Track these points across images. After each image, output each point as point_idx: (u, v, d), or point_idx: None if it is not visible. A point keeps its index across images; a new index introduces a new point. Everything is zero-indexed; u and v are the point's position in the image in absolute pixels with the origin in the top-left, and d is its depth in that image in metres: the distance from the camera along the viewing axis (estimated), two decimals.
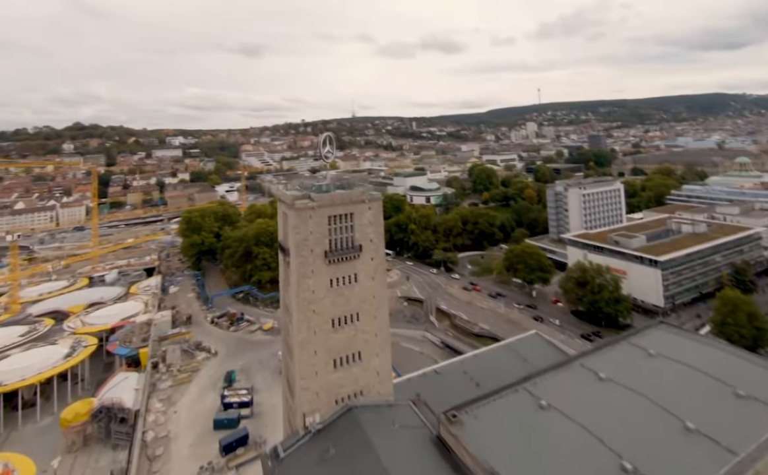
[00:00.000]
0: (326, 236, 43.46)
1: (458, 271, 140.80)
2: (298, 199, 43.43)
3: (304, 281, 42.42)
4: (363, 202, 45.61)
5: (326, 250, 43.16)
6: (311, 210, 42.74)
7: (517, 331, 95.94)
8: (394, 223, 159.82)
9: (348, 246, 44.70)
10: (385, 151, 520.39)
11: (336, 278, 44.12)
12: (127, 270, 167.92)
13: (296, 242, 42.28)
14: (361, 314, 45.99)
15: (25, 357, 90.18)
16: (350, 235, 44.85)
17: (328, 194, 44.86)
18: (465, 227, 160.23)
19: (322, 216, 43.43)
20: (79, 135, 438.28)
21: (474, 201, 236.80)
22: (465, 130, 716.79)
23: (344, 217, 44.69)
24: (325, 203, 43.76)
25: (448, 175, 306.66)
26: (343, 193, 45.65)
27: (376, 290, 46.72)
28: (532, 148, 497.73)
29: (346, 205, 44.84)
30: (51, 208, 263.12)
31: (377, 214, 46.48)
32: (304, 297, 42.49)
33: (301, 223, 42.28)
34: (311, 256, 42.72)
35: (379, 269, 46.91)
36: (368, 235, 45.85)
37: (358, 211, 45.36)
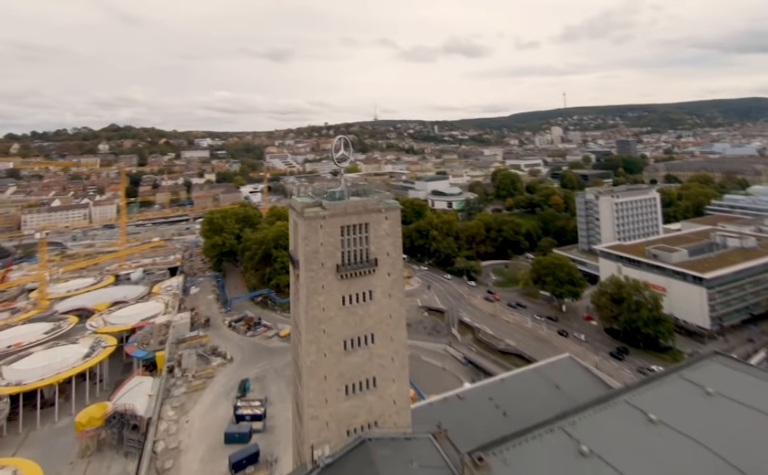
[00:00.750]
0: (338, 249, 39.29)
1: (481, 280, 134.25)
2: (308, 207, 39.43)
3: (313, 298, 38.33)
4: (379, 212, 41.21)
5: (338, 263, 38.98)
6: (322, 220, 38.66)
7: (546, 349, 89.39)
8: (414, 228, 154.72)
9: (362, 260, 40.36)
10: (407, 154, 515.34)
11: (349, 295, 39.85)
12: (151, 269, 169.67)
13: (306, 254, 38.26)
14: (376, 336, 41.54)
15: (46, 356, 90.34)
16: (365, 247, 40.53)
17: (341, 202, 40.64)
18: (488, 234, 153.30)
19: (334, 226, 39.28)
20: (114, 136, 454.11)
21: (497, 207, 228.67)
22: (487, 134, 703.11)
23: (358, 227, 40.42)
24: (338, 212, 39.56)
25: (470, 180, 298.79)
26: (358, 201, 41.36)
27: (393, 309, 42.18)
28: (557, 154, 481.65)
29: (361, 214, 40.54)
30: (85, 206, 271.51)
31: (395, 225, 41.99)
32: (313, 315, 38.38)
33: (311, 234, 38.23)
34: (322, 270, 38.62)
35: (397, 285, 42.35)
36: (385, 248, 41.42)
37: (374, 221, 41.00)
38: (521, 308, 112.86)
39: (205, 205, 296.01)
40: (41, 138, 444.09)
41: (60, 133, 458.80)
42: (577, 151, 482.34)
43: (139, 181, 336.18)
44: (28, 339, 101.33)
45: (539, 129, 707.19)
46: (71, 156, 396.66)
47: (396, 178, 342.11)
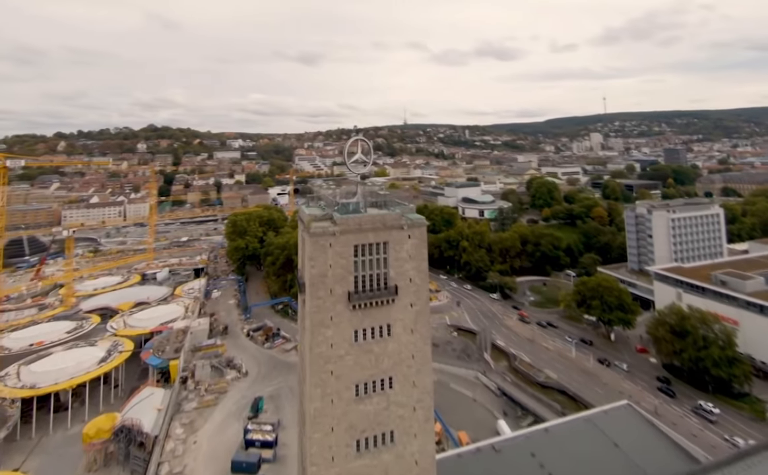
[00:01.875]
0: (351, 272, 32.59)
1: (517, 299, 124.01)
2: (315, 221, 32.97)
3: (319, 331, 31.76)
4: (401, 229, 34.15)
5: (350, 290, 32.30)
6: (332, 237, 32.06)
7: (594, 385, 78.98)
8: (444, 238, 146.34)
9: (379, 287, 33.43)
10: (437, 159, 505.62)
11: (362, 329, 33.04)
12: (177, 269, 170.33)
13: (312, 278, 31.79)
14: (395, 380, 34.40)
15: (62, 358, 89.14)
16: (383, 272, 33.59)
17: (355, 216, 33.79)
18: (524, 248, 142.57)
19: (347, 245, 32.59)
20: (152, 136, 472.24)
21: (533, 217, 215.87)
22: (521, 139, 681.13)
23: (375, 247, 33.51)
24: (351, 228, 32.80)
25: (503, 188, 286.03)
26: (375, 215, 34.39)
27: (416, 348, 34.93)
28: (597, 161, 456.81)
29: (379, 231, 33.60)
30: (120, 204, 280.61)
31: (420, 246, 34.77)
32: (319, 353, 31.78)
33: (319, 254, 31.69)
34: (330, 298, 32.01)
35: (421, 318, 35.05)
36: (407, 273, 34.29)
37: (395, 240, 33.99)
38: (552, 328, 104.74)
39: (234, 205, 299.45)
40: (86, 137, 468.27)
41: (103, 133, 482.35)
42: (619, 160, 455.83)
43: (172, 180, 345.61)
44: (50, 338, 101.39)
45: (577, 135, 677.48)
46: (112, 154, 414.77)
47: (425, 183, 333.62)
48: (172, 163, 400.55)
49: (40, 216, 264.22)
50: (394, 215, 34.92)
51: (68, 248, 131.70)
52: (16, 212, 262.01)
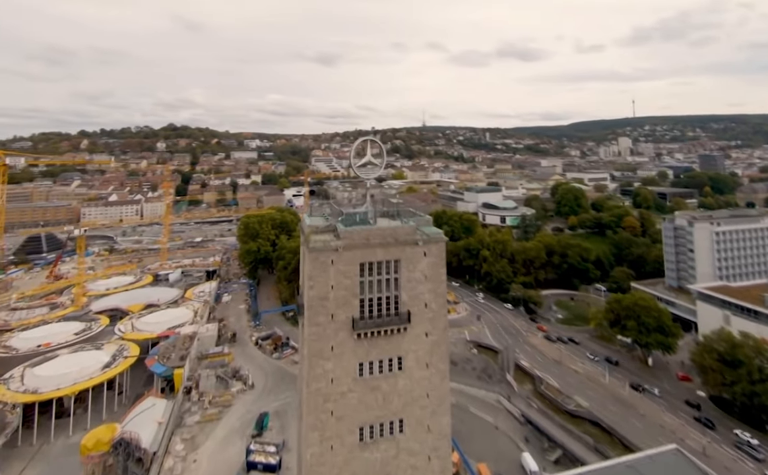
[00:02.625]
0: (356, 295, 28.21)
1: (542, 314, 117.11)
2: (316, 234, 28.69)
3: (318, 363, 27.43)
4: (415, 245, 29.56)
5: (355, 316, 27.90)
6: (334, 252, 27.71)
7: (630, 416, 72.07)
8: (463, 246, 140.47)
9: (389, 312, 28.95)
10: (456, 162, 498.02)
11: (369, 362, 28.59)
12: (190, 270, 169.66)
13: (310, 300, 27.55)
14: (406, 423, 29.76)
15: (66, 362, 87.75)
16: (393, 294, 29.09)
17: (362, 229, 29.36)
18: (550, 259, 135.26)
19: (352, 263, 28.21)
20: (171, 135, 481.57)
21: (558, 225, 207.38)
22: (545, 143, 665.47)
23: (385, 266, 29.04)
24: (357, 243, 28.41)
25: (526, 193, 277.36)
26: (386, 228, 29.86)
27: (431, 385, 30.19)
28: (626, 167, 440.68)
29: (389, 247, 29.10)
30: (137, 203, 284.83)
31: (437, 265, 30.10)
32: (317, 389, 27.44)
33: (318, 272, 27.42)
34: (331, 324, 27.69)
35: (438, 350, 30.31)
36: (422, 297, 29.69)
37: (408, 257, 29.41)
38: (573, 344, 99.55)
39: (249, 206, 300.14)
40: (108, 135, 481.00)
41: (125, 131, 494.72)
42: (650, 166, 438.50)
43: (189, 179, 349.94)
44: (57, 339, 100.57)
45: (604, 139, 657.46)
46: (132, 153, 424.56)
47: (444, 187, 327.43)
48: (190, 163, 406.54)
49: (60, 213, 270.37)
50: (407, 229, 30.30)
51: (80, 247, 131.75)
52: (38, 209, 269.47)
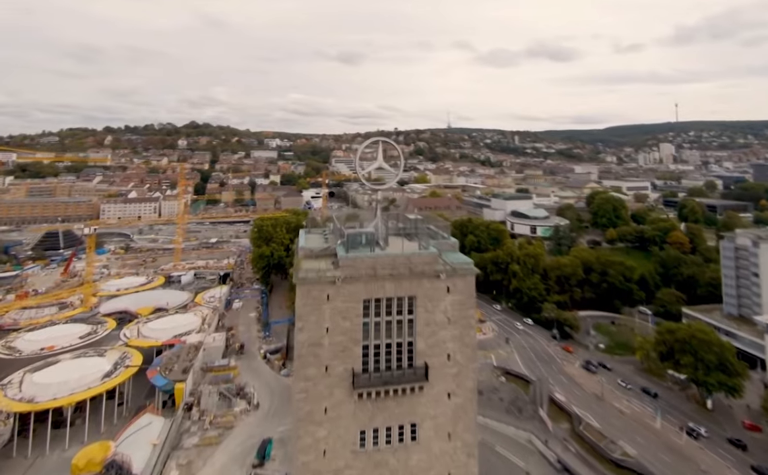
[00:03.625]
0: (358, 341, 22.49)
1: (578, 339, 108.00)
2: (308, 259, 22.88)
3: (307, 430, 21.94)
4: (436, 278, 23.40)
5: (356, 369, 22.08)
6: (331, 286, 21.83)
7: (688, 470, 63.11)
8: (491, 259, 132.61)
9: (401, 365, 22.96)
10: (483, 166, 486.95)
11: (373, 431, 22.72)
12: (203, 272, 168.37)
13: (299, 347, 21.95)
14: None
15: (66, 369, 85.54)
16: (407, 341, 23.09)
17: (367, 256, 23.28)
18: (587, 277, 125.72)
19: (353, 299, 22.43)
20: (193, 133, 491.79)
21: (595, 238, 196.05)
22: (578, 148, 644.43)
23: (397, 304, 23.15)
24: (360, 274, 22.66)
25: (558, 202, 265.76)
26: (398, 256, 23.73)
27: (455, 463, 24.04)
28: (669, 176, 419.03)
29: (402, 280, 23.14)
30: (156, 200, 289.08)
31: (465, 304, 23.95)
32: (304, 464, 21.68)
33: (310, 311, 21.87)
34: (325, 379, 22.07)
35: (465, 417, 24.02)
36: (443, 346, 23.59)
37: (427, 294, 23.38)
38: (605, 370, 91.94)
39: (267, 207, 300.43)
40: (132, 132, 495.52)
41: (148, 128, 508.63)
42: (696, 175, 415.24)
43: (208, 178, 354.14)
44: (61, 343, 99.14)
45: (643, 145, 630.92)
46: (154, 149, 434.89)
47: (469, 192, 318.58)
48: (210, 161, 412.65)
49: (81, 209, 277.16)
50: (425, 257, 24.04)
51: (89, 247, 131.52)
52: (59, 204, 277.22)
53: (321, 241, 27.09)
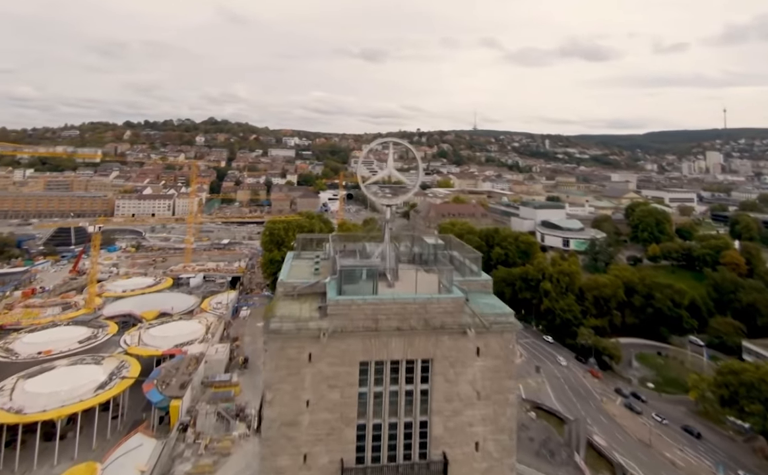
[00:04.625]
0: (351, 421, 16.76)
1: (619, 370, 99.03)
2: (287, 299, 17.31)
3: None
4: (461, 334, 17.40)
5: (347, 461, 16.30)
6: (313, 341, 16.27)
7: None
8: (519, 275, 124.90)
9: (410, 455, 16.97)
10: (510, 171, 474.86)
11: None
12: (213, 275, 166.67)
13: (268, 426, 16.46)
14: None
15: (61, 377, 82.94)
16: (418, 421, 17.15)
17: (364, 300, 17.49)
18: (630, 299, 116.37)
19: (345, 361, 17.10)
20: (211, 129, 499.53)
21: (634, 254, 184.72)
22: (615, 154, 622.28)
23: (406, 369, 17.25)
24: (356, 325, 17.02)
25: (594, 212, 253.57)
26: (408, 301, 17.79)
27: None
28: (717, 187, 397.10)
29: (414, 336, 17.25)
30: (170, 198, 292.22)
31: (501, 373, 17.90)
32: None
33: (282, 376, 16.97)
34: (302, 474, 16.15)
35: None
36: (470, 431, 17.93)
37: (448, 355, 17.77)
38: (644, 404, 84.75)
39: (282, 208, 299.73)
40: (151, 127, 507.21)
41: (167, 124, 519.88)
42: (748, 187, 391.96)
43: (224, 176, 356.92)
44: (59, 347, 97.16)
45: (687, 153, 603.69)
46: (172, 145, 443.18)
47: (495, 199, 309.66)
48: (227, 159, 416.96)
49: (96, 204, 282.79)
50: (448, 303, 18.14)
51: (95, 246, 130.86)
52: (75, 198, 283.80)
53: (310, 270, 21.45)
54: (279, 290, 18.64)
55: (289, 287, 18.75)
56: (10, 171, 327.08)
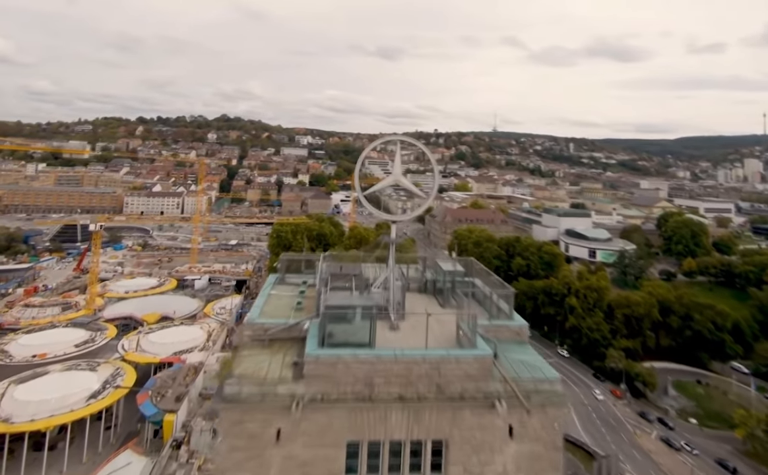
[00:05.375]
0: None
1: (654, 400, 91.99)
2: (255, 348, 12.97)
3: None
4: (488, 408, 12.71)
5: None
6: (283, 413, 11.84)
7: None
8: (543, 289, 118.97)
9: None
10: (532, 176, 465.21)
11: None
12: (219, 277, 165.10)
13: None
14: None
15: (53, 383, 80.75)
16: None
17: (355, 359, 12.78)
18: (665, 319, 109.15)
19: (326, 441, 12.35)
20: (223, 126, 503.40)
21: (667, 268, 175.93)
22: (644, 160, 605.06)
23: (411, 453, 12.50)
24: (341, 391, 12.35)
25: (623, 221, 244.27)
26: (414, 361, 13.01)
27: None
28: (756, 197, 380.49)
29: (420, 410, 12.60)
30: (179, 195, 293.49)
31: (543, 461, 13.02)
32: None
33: (240, 461, 11.83)
34: None
35: None
36: None
37: (468, 438, 12.86)
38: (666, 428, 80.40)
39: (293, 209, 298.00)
40: (164, 123, 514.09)
41: (179, 120, 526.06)
42: None
43: (234, 175, 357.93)
44: (55, 350, 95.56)
45: (723, 160, 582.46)
46: (183, 142, 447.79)
47: (516, 204, 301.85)
48: (238, 157, 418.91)
49: (105, 200, 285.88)
50: (469, 362, 13.43)
51: (95, 245, 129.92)
52: (84, 194, 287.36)
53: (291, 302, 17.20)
54: (245, 334, 14.49)
55: (258, 329, 14.50)
56: (22, 165, 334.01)
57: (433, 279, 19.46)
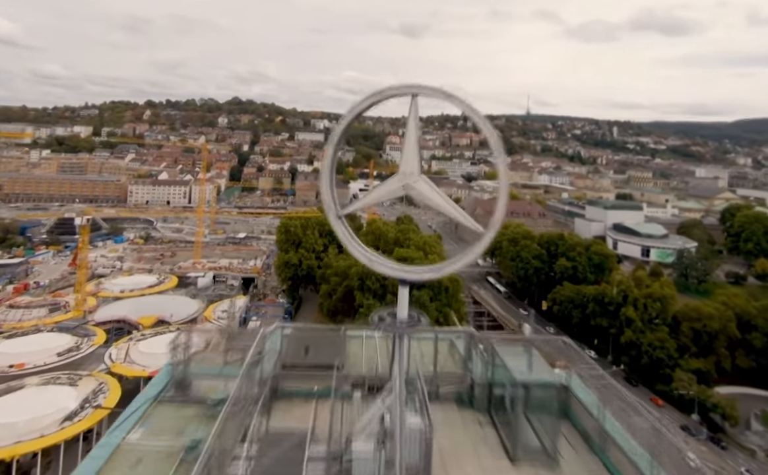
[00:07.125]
0: None
1: (735, 436, 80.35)
2: None
3: None
4: None
5: None
6: None
7: None
8: (593, 296, 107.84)
9: None
10: (571, 163, 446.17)
11: None
12: (224, 275, 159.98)
13: None
14: None
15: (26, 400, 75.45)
16: None
17: None
18: (744, 336, 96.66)
19: None
20: (235, 110, 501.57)
21: (735, 270, 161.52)
22: (698, 145, 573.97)
23: None
24: None
25: (678, 215, 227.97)
26: None
27: None
28: None
29: None
30: (186, 184, 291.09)
31: None
32: None
33: None
34: None
35: None
36: None
37: None
38: None
39: (307, 198, 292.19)
40: (173, 107, 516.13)
41: (189, 103, 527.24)
42: None
43: (245, 161, 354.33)
44: (34, 360, 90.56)
45: None
46: (192, 127, 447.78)
47: (554, 194, 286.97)
48: (250, 142, 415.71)
49: (109, 189, 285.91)
50: None
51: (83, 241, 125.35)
52: (87, 182, 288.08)
53: None
54: None
55: None
56: (26, 151, 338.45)
57: (489, 382, 10.08)
